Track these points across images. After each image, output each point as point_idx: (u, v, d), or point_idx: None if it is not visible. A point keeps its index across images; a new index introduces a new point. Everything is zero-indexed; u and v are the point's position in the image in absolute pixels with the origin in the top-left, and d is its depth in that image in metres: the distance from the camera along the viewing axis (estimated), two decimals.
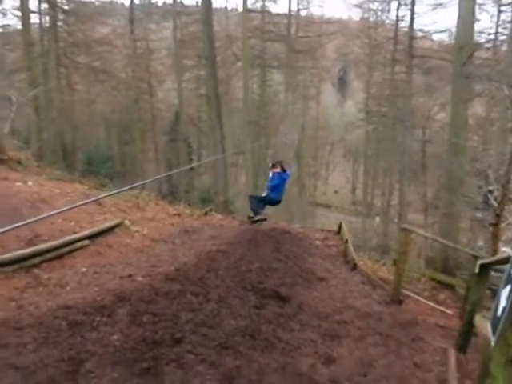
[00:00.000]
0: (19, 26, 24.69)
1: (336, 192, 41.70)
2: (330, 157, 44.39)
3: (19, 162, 10.25)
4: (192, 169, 24.20)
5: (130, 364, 3.17)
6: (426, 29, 27.39)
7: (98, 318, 3.84)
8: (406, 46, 26.70)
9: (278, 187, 8.51)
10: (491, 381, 2.41)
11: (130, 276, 5.25)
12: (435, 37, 31.58)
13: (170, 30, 30.28)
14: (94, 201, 6.43)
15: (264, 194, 8.64)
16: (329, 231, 10.84)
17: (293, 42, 28.99)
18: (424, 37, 28.37)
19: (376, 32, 30.66)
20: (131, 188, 9.86)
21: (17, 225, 2.75)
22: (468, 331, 4.63)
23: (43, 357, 3.13)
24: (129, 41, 29.23)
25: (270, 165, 8.78)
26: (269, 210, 9.38)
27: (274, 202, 8.68)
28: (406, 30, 27.15)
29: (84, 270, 5.43)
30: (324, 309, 5.08)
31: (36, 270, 5.10)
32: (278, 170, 8.54)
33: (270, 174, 8.64)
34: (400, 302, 6.30)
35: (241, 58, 27.70)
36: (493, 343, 2.44)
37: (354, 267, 7.66)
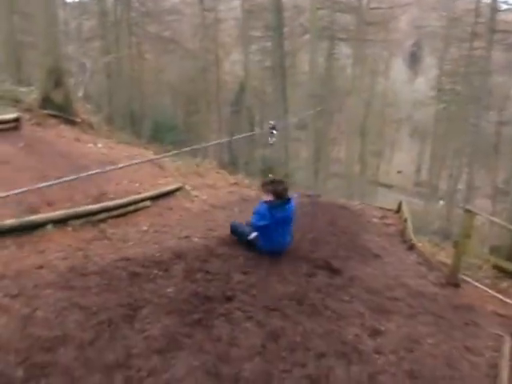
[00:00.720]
0: None
1: (399, 172, 40.20)
2: (396, 135, 42.64)
3: (91, 125, 10.78)
4: (253, 139, 24.34)
5: (183, 315, 3.39)
6: (510, 1, 25.28)
7: (155, 271, 4.11)
8: (487, 20, 24.79)
9: (268, 229, 4.78)
10: None
11: (187, 237, 5.48)
12: None
13: None
14: (152, 160, 6.74)
15: (249, 236, 5.00)
16: (388, 210, 10.59)
17: (364, 14, 27.79)
18: (508, 9, 26.18)
19: (455, 4, 28.70)
20: (193, 155, 10.13)
21: (82, 175, 2.99)
22: None
23: (104, 300, 3.43)
24: (198, 10, 29.44)
25: (261, 185, 5.38)
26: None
27: (268, 252, 4.89)
28: (489, 1, 25.14)
29: (145, 228, 5.74)
30: (376, 284, 5.03)
31: (102, 225, 5.45)
32: (269, 198, 4.88)
33: (257, 205, 5.08)
34: (457, 286, 6.09)
35: (308, 29, 27.00)
36: None
37: (411, 247, 7.46)
